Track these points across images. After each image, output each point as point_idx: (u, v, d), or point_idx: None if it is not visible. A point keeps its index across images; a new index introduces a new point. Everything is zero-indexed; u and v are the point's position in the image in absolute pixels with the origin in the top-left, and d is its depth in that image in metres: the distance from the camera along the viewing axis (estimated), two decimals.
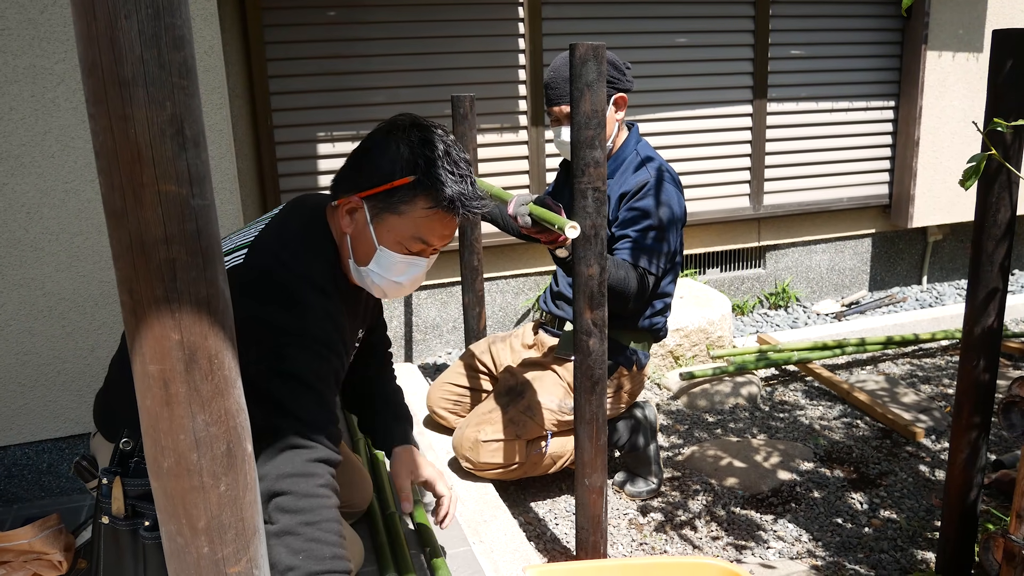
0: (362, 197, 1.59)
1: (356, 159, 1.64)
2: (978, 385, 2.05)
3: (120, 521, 1.50)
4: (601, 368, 1.99)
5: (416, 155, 1.56)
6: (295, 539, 1.42)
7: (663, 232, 2.48)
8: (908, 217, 5.04)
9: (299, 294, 1.55)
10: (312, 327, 1.55)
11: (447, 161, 1.57)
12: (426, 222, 1.59)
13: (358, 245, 1.63)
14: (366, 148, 1.63)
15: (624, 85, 2.53)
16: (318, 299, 1.57)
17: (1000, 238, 1.91)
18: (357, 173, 1.60)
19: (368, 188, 1.58)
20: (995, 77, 1.83)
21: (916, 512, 2.74)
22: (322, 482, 1.48)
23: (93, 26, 0.84)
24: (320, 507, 1.46)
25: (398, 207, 1.57)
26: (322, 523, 1.45)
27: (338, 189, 1.65)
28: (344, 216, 1.61)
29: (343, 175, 1.65)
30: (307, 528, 1.43)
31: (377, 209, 1.59)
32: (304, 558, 1.42)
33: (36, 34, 2.32)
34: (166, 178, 0.88)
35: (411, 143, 1.57)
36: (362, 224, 1.60)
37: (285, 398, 1.49)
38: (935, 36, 4.75)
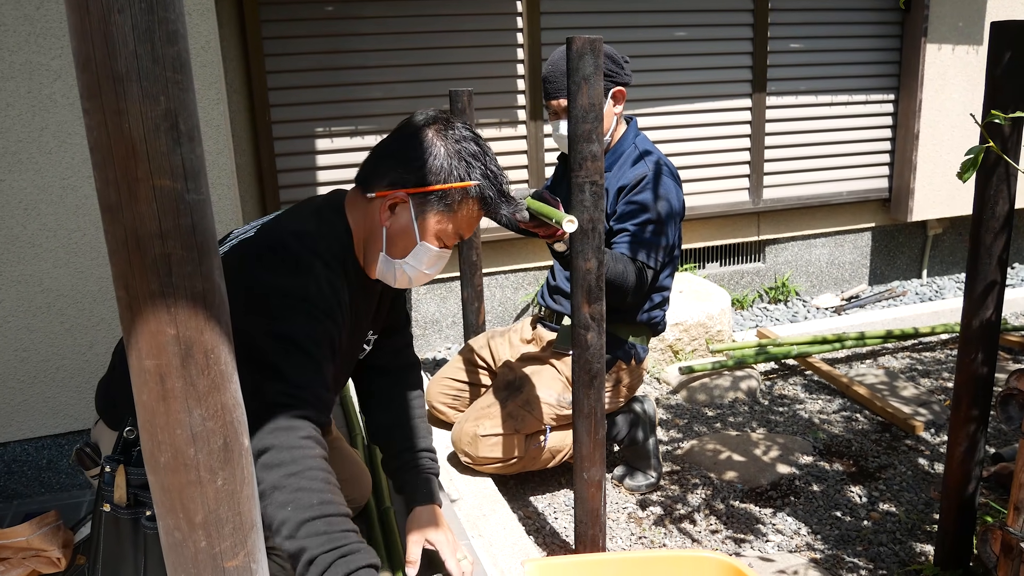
0: (409, 193, 1.61)
1: (396, 154, 1.64)
2: (976, 378, 2.05)
3: (122, 510, 1.50)
4: (599, 362, 2.00)
5: (468, 160, 1.62)
6: (280, 492, 1.40)
7: (661, 226, 2.48)
8: (908, 211, 5.03)
9: (302, 261, 1.57)
10: (312, 292, 1.55)
11: (494, 165, 1.66)
12: (467, 219, 1.66)
13: (397, 239, 1.65)
14: (406, 143, 1.63)
15: (622, 79, 2.53)
16: (322, 270, 1.58)
17: (998, 231, 1.91)
18: (403, 169, 1.61)
19: (418, 186, 1.60)
20: (993, 69, 1.83)
21: (915, 505, 2.74)
22: (303, 434, 1.45)
23: (86, 20, 0.84)
24: (302, 457, 1.43)
25: (448, 207, 1.62)
26: (305, 472, 1.42)
27: (373, 182, 1.65)
28: (384, 210, 1.63)
29: (380, 169, 1.65)
30: (291, 479, 1.41)
31: (426, 206, 1.62)
32: (292, 509, 1.39)
33: (32, 30, 2.32)
34: (161, 173, 0.88)
35: (459, 143, 1.62)
36: (405, 219, 1.63)
37: (278, 359, 1.48)
38: (935, 29, 4.74)
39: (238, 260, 1.58)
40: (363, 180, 1.68)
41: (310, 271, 1.56)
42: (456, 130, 1.64)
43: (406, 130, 1.66)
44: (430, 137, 1.62)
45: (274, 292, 1.52)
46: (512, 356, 2.85)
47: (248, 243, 1.63)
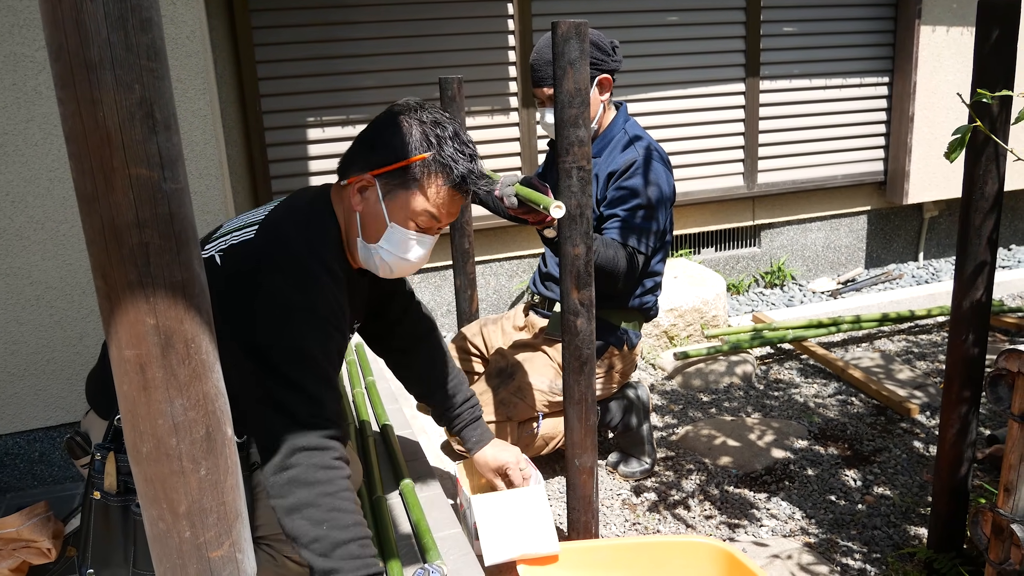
0: (375, 175, 1.62)
1: (366, 139, 1.66)
2: (968, 360, 2.05)
3: (112, 497, 1.51)
4: (589, 348, 1.99)
5: (428, 134, 1.61)
6: (316, 510, 1.45)
7: (652, 211, 2.47)
8: (903, 193, 5.03)
9: (309, 271, 1.57)
10: (321, 305, 1.57)
11: (457, 141, 1.63)
12: (436, 198, 1.64)
13: (369, 222, 1.66)
14: (376, 128, 1.65)
15: (609, 66, 2.51)
16: (327, 278, 1.59)
17: (988, 211, 1.91)
18: (369, 152, 1.63)
19: (381, 166, 1.61)
20: (981, 48, 1.82)
21: (910, 488, 2.74)
22: (336, 455, 1.50)
23: (58, 9, 0.83)
24: (336, 478, 1.48)
25: (411, 184, 1.62)
26: (340, 493, 1.48)
27: (347, 170, 1.67)
28: (355, 194, 1.64)
29: (353, 156, 1.67)
30: (327, 499, 1.46)
31: (390, 186, 1.62)
32: (328, 528, 1.45)
33: (16, 21, 2.30)
34: (136, 162, 0.87)
35: (422, 123, 1.62)
36: (373, 201, 1.64)
37: (294, 373, 1.51)
38: (928, 11, 4.72)
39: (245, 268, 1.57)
40: (340, 169, 1.70)
41: (319, 283, 1.57)
42: (425, 111, 1.64)
43: (380, 117, 1.67)
44: (398, 119, 1.63)
45: (288, 307, 1.53)
46: (505, 343, 2.85)
47: (253, 249, 1.60)
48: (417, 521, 2.00)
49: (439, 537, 1.97)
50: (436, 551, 1.87)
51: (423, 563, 1.86)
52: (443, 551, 1.92)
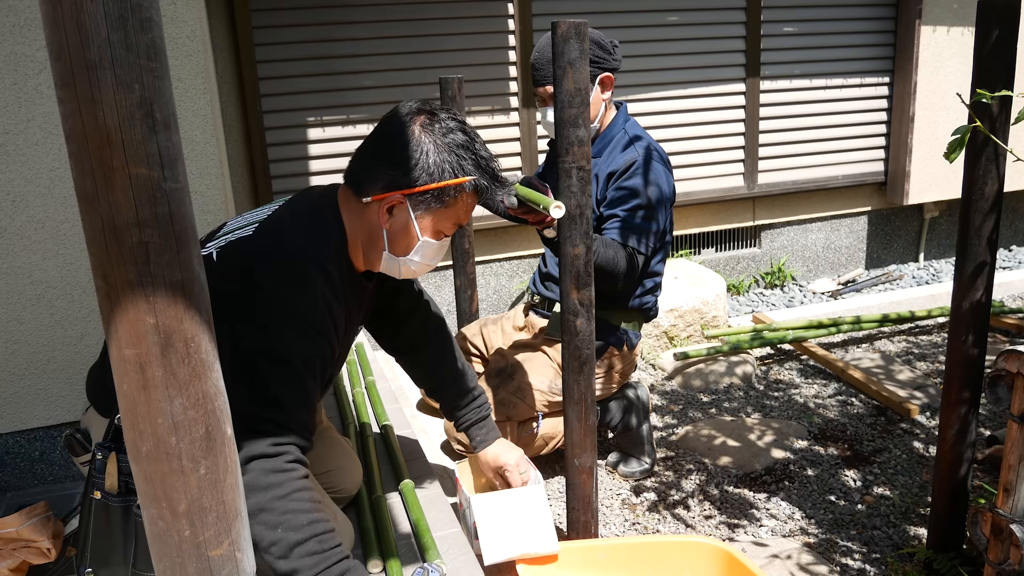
0: (405, 195, 1.61)
1: (388, 156, 1.63)
2: (967, 360, 2.05)
3: (113, 497, 1.51)
4: (589, 348, 1.99)
5: (461, 157, 1.62)
6: (270, 515, 1.44)
7: (652, 211, 2.48)
8: (904, 194, 5.03)
9: (306, 277, 1.57)
10: (309, 310, 1.56)
11: (483, 156, 1.65)
12: (465, 210, 1.68)
13: (398, 238, 1.66)
14: (398, 145, 1.62)
15: (610, 64, 2.51)
16: (322, 283, 1.59)
17: (988, 211, 1.91)
18: (394, 170, 1.61)
19: (412, 187, 1.60)
20: (981, 48, 1.82)
21: (909, 489, 2.74)
22: (290, 458, 1.49)
23: (58, 8, 0.83)
24: (288, 480, 1.47)
25: (444, 202, 1.63)
26: (293, 494, 1.46)
27: (367, 184, 1.64)
28: (383, 213, 1.63)
29: (372, 170, 1.64)
30: (279, 502, 1.45)
31: (423, 205, 1.63)
32: (283, 530, 1.44)
33: (16, 21, 2.31)
34: (136, 161, 0.87)
35: (448, 139, 1.62)
36: (403, 219, 1.64)
37: (269, 376, 1.50)
38: (929, 11, 4.72)
39: (239, 265, 1.57)
40: (355, 182, 1.67)
41: (312, 288, 1.57)
42: (442, 122, 1.63)
43: (392, 127, 1.64)
44: (417, 134, 1.61)
45: (275, 308, 1.53)
46: (504, 344, 2.85)
47: (250, 247, 1.60)
48: (416, 520, 2.01)
49: (438, 536, 1.97)
50: (435, 550, 1.88)
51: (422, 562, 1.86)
52: (442, 550, 1.92)
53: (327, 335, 1.60)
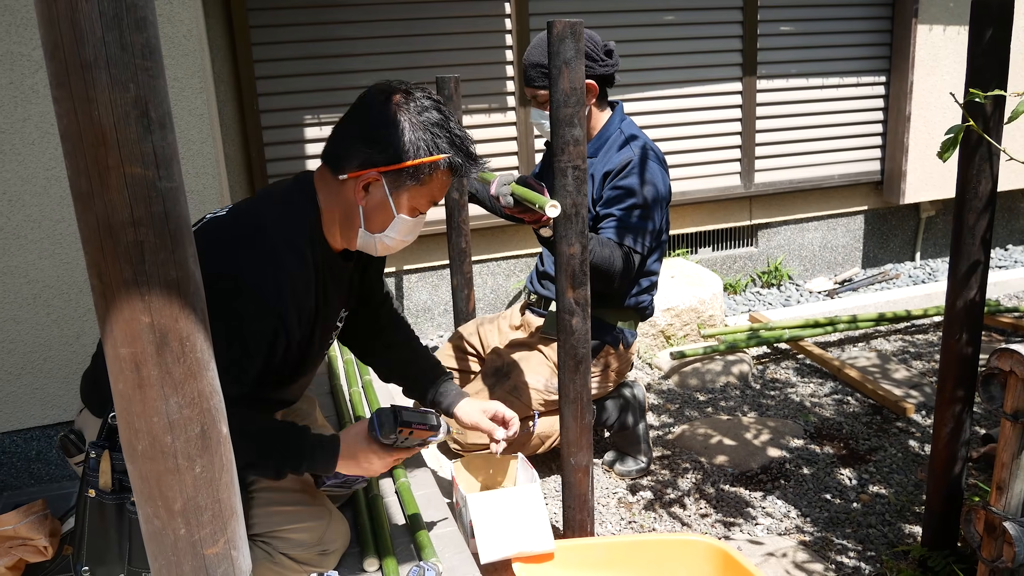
0: (381, 172, 1.63)
1: (363, 134, 1.65)
2: (961, 359, 2.06)
3: (107, 495, 1.51)
4: (584, 347, 2.00)
5: (436, 136, 1.64)
6: None
7: (648, 210, 2.48)
8: (900, 193, 5.03)
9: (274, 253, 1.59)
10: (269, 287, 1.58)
11: (458, 134, 1.67)
12: (439, 185, 1.70)
13: (374, 215, 1.68)
14: (374, 123, 1.65)
15: (596, 72, 2.49)
16: (293, 264, 1.61)
17: (981, 211, 1.91)
18: (370, 148, 1.63)
19: (388, 165, 1.63)
20: (975, 47, 1.83)
21: (905, 487, 2.75)
22: None
23: (53, 8, 0.83)
24: None
25: (420, 180, 1.65)
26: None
27: (343, 162, 1.67)
28: (359, 191, 1.66)
29: (349, 149, 1.67)
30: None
31: (399, 182, 1.65)
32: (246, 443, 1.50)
33: (13, 20, 2.31)
34: (132, 160, 0.88)
35: (424, 122, 1.63)
36: (379, 196, 1.66)
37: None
38: (925, 10, 4.73)
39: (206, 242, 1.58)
40: (332, 160, 1.69)
41: (277, 266, 1.58)
42: (417, 101, 1.65)
43: (368, 106, 1.66)
44: (392, 112, 1.63)
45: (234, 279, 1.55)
46: (501, 343, 2.85)
47: (222, 226, 1.64)
48: (413, 519, 2.01)
49: (435, 535, 1.98)
50: (432, 549, 1.88)
51: (418, 561, 1.86)
52: (439, 549, 1.92)
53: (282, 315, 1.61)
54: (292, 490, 1.82)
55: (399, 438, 1.70)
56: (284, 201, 1.70)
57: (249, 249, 1.59)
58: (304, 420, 2.18)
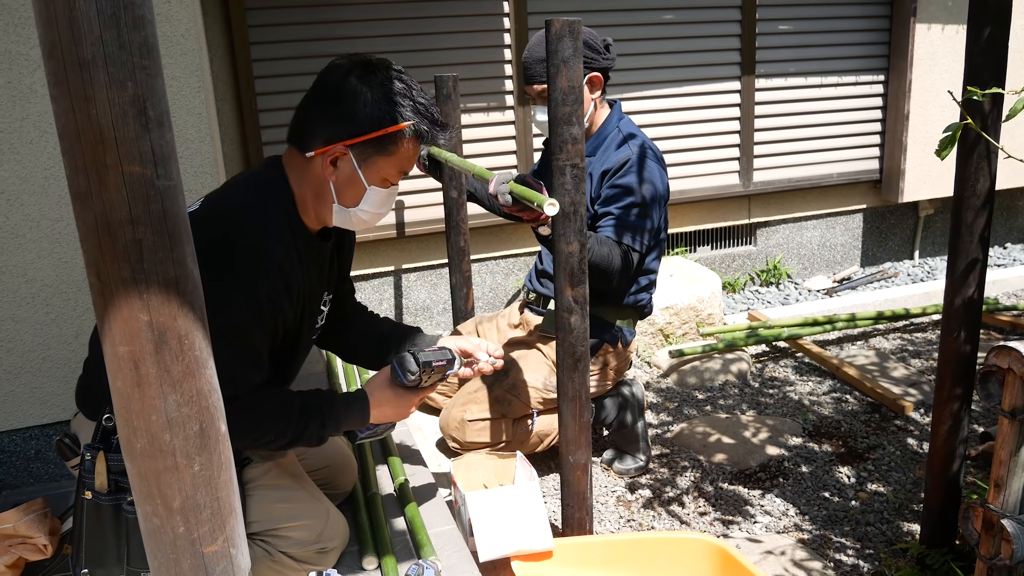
0: (347, 146, 1.64)
1: (325, 108, 1.66)
2: (960, 357, 2.06)
3: (103, 496, 1.52)
4: (583, 345, 2.00)
5: (398, 103, 1.65)
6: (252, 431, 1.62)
7: (646, 209, 2.48)
8: (899, 192, 5.03)
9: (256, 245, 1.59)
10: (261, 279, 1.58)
11: (421, 101, 1.68)
12: (407, 154, 1.71)
13: (345, 189, 1.69)
14: (336, 96, 1.65)
15: (600, 64, 2.51)
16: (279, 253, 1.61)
17: (979, 208, 1.92)
18: (334, 122, 1.64)
19: (354, 137, 1.64)
20: (973, 45, 1.83)
21: (903, 485, 2.75)
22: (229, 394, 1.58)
23: (51, 6, 0.83)
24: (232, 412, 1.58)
25: (387, 150, 1.66)
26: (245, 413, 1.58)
27: (308, 140, 1.67)
28: (327, 166, 1.66)
29: (313, 125, 1.67)
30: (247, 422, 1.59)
31: (366, 154, 1.66)
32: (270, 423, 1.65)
33: (11, 19, 2.31)
34: (130, 159, 0.88)
35: (386, 91, 1.65)
36: (348, 170, 1.67)
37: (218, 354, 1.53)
38: (924, 9, 4.73)
39: None
40: (297, 139, 1.70)
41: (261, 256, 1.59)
42: (378, 72, 1.66)
43: (329, 81, 1.67)
44: (354, 84, 1.64)
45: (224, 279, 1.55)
46: (500, 341, 2.85)
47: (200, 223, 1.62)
48: (412, 517, 2.02)
49: (433, 533, 1.98)
50: (430, 547, 1.88)
51: (417, 559, 1.87)
52: (437, 547, 1.93)
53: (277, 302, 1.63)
54: (290, 488, 1.83)
55: (422, 378, 1.77)
56: (257, 188, 1.70)
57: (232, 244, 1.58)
58: None
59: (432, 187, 4.05)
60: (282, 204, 1.68)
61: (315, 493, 1.89)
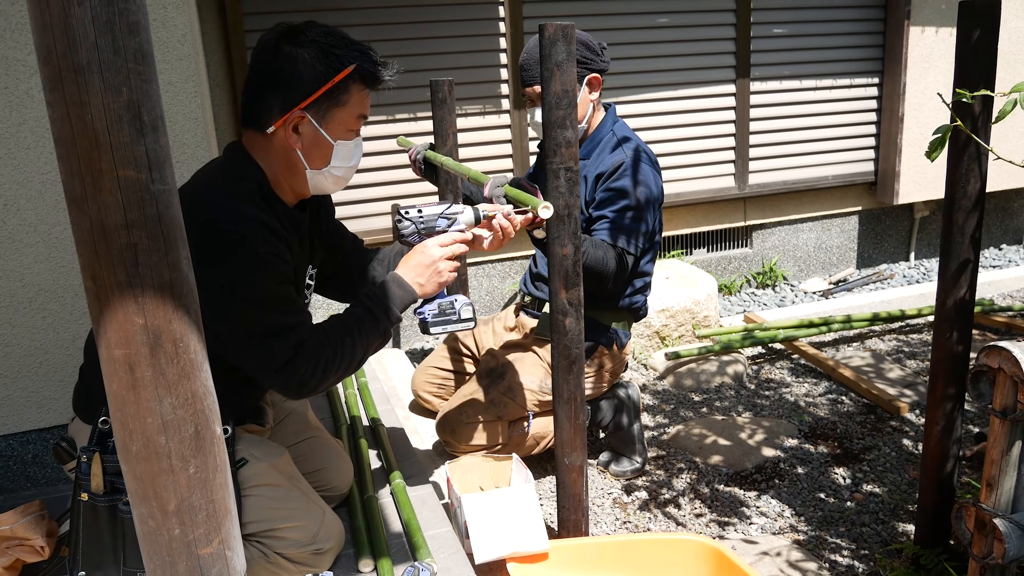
0: (303, 109, 1.67)
1: (269, 82, 1.68)
2: (952, 357, 2.07)
3: (99, 497, 1.53)
4: (578, 347, 2.01)
5: (331, 52, 1.67)
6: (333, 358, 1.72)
7: (640, 212, 2.49)
8: (894, 194, 5.05)
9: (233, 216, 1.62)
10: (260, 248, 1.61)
11: (356, 44, 1.72)
12: (360, 101, 1.74)
13: (313, 152, 1.73)
14: (274, 68, 1.68)
15: (598, 65, 2.53)
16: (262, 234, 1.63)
17: (970, 210, 1.93)
18: (282, 91, 1.67)
19: (306, 97, 1.67)
20: (962, 48, 1.84)
21: (898, 486, 2.76)
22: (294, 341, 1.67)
23: (47, 13, 0.84)
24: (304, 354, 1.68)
25: (340, 99, 1.70)
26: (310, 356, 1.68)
27: (263, 118, 1.70)
28: (290, 135, 1.70)
29: (261, 103, 1.70)
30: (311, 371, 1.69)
31: (322, 111, 1.70)
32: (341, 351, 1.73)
33: (7, 25, 2.32)
34: (125, 164, 0.89)
35: (318, 44, 1.67)
36: (311, 132, 1.71)
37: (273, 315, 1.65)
38: (918, 12, 4.75)
39: None
40: (253, 121, 1.72)
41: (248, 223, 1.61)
42: (307, 32, 1.69)
43: (264, 56, 1.69)
44: (289, 50, 1.67)
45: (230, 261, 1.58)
46: (496, 344, 2.86)
47: None
48: (408, 520, 2.02)
49: (429, 536, 1.99)
50: (426, 549, 1.89)
51: (413, 561, 1.87)
52: (433, 549, 1.93)
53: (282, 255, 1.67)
54: (285, 489, 1.83)
55: (419, 227, 1.89)
56: (225, 169, 1.72)
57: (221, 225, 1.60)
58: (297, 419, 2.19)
59: (428, 190, 4.06)
60: (253, 178, 1.71)
61: (310, 494, 1.90)
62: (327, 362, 1.69)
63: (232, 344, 1.62)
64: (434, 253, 1.87)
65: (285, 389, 1.69)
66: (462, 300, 1.94)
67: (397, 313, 1.82)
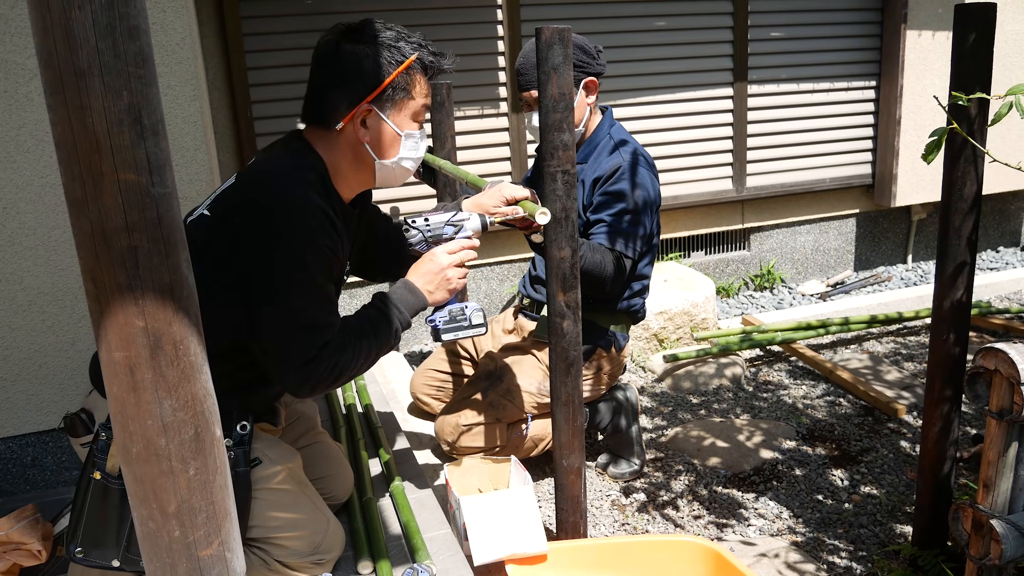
0: (370, 102, 1.71)
1: (336, 79, 1.73)
2: (949, 359, 2.08)
3: (113, 479, 1.52)
4: (576, 350, 2.01)
5: (392, 46, 1.73)
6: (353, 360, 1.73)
7: (638, 215, 2.50)
8: (891, 196, 5.06)
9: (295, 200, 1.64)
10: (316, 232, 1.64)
11: (413, 37, 1.78)
12: (423, 89, 1.79)
13: (381, 143, 1.76)
14: (338, 66, 1.72)
15: (594, 69, 2.54)
16: (315, 200, 1.66)
17: (967, 212, 1.94)
18: (348, 88, 1.71)
19: (372, 91, 1.71)
20: (958, 51, 1.85)
21: (896, 487, 2.77)
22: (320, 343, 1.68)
23: (47, 17, 0.85)
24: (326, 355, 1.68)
25: (403, 91, 1.74)
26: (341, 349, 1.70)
27: (331, 114, 1.73)
28: (358, 129, 1.73)
29: (331, 99, 1.73)
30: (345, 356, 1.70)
31: (388, 103, 1.73)
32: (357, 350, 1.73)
33: (7, 29, 2.32)
34: (125, 167, 0.89)
35: (378, 39, 1.72)
36: (378, 124, 1.74)
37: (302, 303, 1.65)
38: (914, 15, 4.76)
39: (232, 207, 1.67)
40: (319, 119, 1.76)
41: (310, 209, 1.64)
42: (364, 30, 1.74)
43: (326, 57, 1.74)
44: (350, 48, 1.71)
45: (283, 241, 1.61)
46: (494, 347, 2.87)
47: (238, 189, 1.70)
48: (407, 522, 2.02)
49: (428, 538, 1.99)
50: (425, 551, 1.89)
51: (412, 563, 1.87)
52: (432, 551, 1.93)
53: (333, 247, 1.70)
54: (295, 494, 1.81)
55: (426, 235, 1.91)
56: (291, 156, 1.75)
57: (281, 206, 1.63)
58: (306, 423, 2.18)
59: (427, 194, 4.07)
60: (317, 168, 1.74)
61: (318, 503, 1.88)
62: (344, 364, 1.71)
63: (266, 330, 1.63)
64: (442, 261, 1.88)
65: (299, 386, 1.69)
66: (472, 306, 1.95)
67: (408, 319, 1.84)
